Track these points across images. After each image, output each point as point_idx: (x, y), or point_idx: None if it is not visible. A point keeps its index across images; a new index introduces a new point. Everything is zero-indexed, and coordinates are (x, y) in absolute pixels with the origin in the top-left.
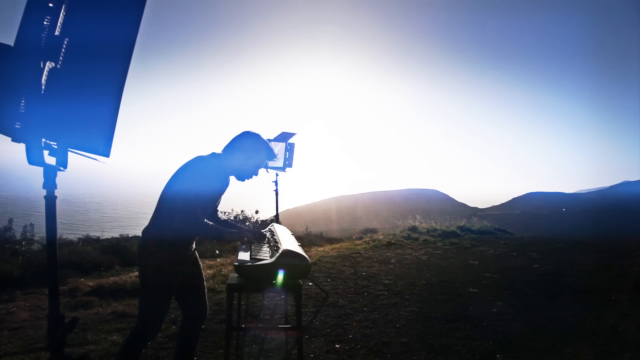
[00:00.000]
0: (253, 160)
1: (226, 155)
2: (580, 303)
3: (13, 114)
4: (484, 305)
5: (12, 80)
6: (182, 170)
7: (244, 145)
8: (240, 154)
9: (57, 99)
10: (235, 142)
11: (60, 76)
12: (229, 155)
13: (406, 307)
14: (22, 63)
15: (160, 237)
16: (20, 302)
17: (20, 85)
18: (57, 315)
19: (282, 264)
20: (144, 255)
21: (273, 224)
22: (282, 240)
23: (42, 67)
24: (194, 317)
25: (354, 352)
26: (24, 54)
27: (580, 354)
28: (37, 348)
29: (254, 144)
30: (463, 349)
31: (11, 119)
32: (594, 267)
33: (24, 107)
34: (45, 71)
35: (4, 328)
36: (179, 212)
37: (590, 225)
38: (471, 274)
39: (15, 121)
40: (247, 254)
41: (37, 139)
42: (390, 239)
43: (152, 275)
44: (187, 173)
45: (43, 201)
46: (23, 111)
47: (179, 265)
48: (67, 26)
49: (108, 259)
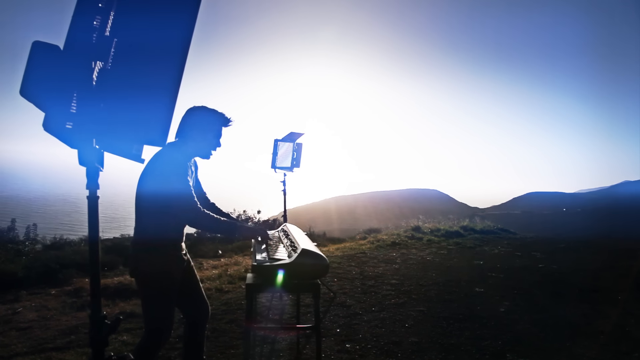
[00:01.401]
0: (211, 133)
1: (183, 140)
2: (587, 303)
3: (64, 115)
4: (491, 305)
5: (63, 81)
6: (148, 169)
7: (197, 123)
8: (196, 132)
9: (108, 98)
10: (186, 123)
11: (111, 76)
12: (186, 139)
13: (414, 307)
14: (73, 64)
15: (150, 240)
16: (26, 302)
17: (71, 85)
18: (99, 316)
19: (300, 264)
20: (139, 264)
21: (286, 224)
22: (298, 240)
23: (92, 67)
24: (197, 318)
25: (365, 351)
26: (75, 55)
27: (590, 353)
28: (48, 348)
29: (206, 117)
30: (473, 348)
31: (62, 119)
32: (598, 267)
33: (75, 107)
34: (96, 71)
35: (11, 328)
36: (181, 211)
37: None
38: (477, 273)
39: (66, 121)
40: (263, 254)
41: (89, 139)
42: (394, 239)
43: (152, 282)
44: (156, 172)
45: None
46: (74, 111)
47: (175, 268)
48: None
49: (111, 258)
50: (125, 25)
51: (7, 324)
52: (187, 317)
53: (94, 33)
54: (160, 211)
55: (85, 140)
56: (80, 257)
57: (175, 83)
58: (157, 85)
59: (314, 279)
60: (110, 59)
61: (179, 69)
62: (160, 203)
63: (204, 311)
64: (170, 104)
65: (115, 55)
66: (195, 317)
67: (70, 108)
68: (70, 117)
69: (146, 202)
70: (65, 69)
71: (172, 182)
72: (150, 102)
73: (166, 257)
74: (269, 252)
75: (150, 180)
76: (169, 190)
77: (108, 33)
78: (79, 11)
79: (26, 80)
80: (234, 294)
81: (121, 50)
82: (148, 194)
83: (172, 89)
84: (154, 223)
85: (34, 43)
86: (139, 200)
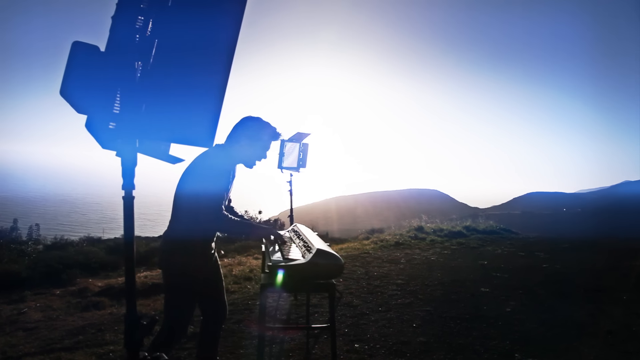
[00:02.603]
0: (259, 143)
1: (231, 144)
2: (592, 302)
3: (107, 115)
4: (497, 305)
5: (105, 81)
6: (192, 169)
7: (247, 131)
8: (245, 140)
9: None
10: (237, 130)
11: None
12: (234, 144)
13: (421, 307)
14: (116, 64)
15: (183, 239)
16: (31, 302)
17: (114, 86)
18: (135, 316)
19: (316, 264)
20: (169, 259)
21: (296, 224)
22: (312, 241)
23: (135, 67)
24: (214, 317)
25: (373, 351)
26: (117, 56)
27: (598, 353)
28: (56, 349)
29: (257, 127)
30: (481, 348)
31: (105, 119)
32: (601, 267)
33: (118, 107)
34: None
35: (18, 329)
36: (203, 212)
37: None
38: (481, 273)
39: (109, 122)
40: (277, 254)
41: (132, 139)
42: (397, 239)
43: (179, 278)
44: (199, 171)
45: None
46: (117, 112)
47: (203, 266)
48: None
49: (114, 259)
50: (167, 25)
51: (13, 324)
52: (205, 313)
53: (137, 34)
54: (208, 209)
55: (128, 141)
56: (83, 257)
57: (222, 83)
58: (203, 85)
59: (328, 279)
60: (152, 59)
61: (226, 69)
62: (196, 202)
63: (221, 312)
64: (217, 105)
65: (158, 56)
66: (212, 317)
67: (113, 109)
68: (113, 118)
69: (184, 201)
70: (108, 70)
71: (211, 183)
72: (196, 102)
73: (195, 257)
74: (282, 252)
75: (192, 179)
76: (204, 190)
77: (150, 33)
78: (120, 12)
79: (67, 81)
80: (240, 294)
81: (164, 50)
82: (187, 193)
83: (219, 89)
84: (188, 221)
85: (74, 43)
86: (177, 198)
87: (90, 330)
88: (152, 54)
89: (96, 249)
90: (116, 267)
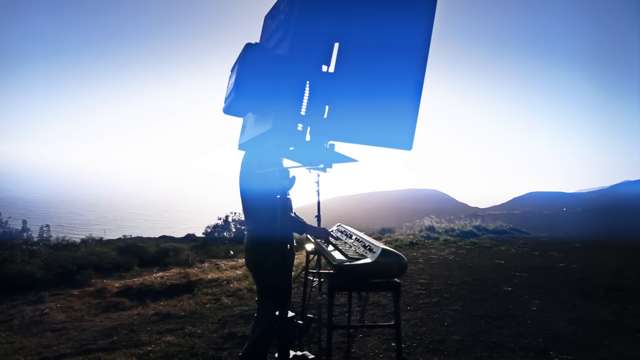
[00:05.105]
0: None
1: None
2: (615, 301)
3: (294, 117)
4: (522, 304)
5: (290, 85)
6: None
7: None
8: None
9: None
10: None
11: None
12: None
13: (449, 306)
14: (300, 68)
15: (273, 238)
16: (50, 303)
17: (297, 90)
18: (290, 317)
19: (382, 263)
20: (263, 259)
21: (340, 223)
22: (370, 240)
23: (321, 70)
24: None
25: (411, 349)
26: (301, 59)
27: (631, 351)
28: (92, 349)
29: None
30: (516, 346)
31: (293, 121)
32: (617, 266)
33: (305, 110)
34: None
35: (45, 329)
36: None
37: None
38: (501, 273)
39: (296, 123)
40: (338, 253)
41: (321, 140)
42: (411, 239)
43: (279, 275)
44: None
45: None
46: (304, 114)
47: (291, 262)
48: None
49: (126, 259)
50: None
51: (39, 325)
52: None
53: (319, 36)
54: (264, 209)
55: (320, 141)
56: (95, 257)
57: (418, 84)
58: (399, 86)
59: (391, 278)
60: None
61: (421, 70)
62: (262, 202)
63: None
64: (414, 106)
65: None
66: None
67: (300, 110)
68: (299, 119)
69: (252, 201)
70: (291, 74)
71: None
72: (392, 104)
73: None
74: (342, 252)
75: (253, 180)
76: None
77: (333, 35)
78: (301, 15)
79: (245, 85)
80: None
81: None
82: (252, 193)
83: (415, 90)
84: (263, 219)
85: (248, 46)
86: (245, 199)
87: (123, 331)
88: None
89: (107, 250)
90: (129, 267)
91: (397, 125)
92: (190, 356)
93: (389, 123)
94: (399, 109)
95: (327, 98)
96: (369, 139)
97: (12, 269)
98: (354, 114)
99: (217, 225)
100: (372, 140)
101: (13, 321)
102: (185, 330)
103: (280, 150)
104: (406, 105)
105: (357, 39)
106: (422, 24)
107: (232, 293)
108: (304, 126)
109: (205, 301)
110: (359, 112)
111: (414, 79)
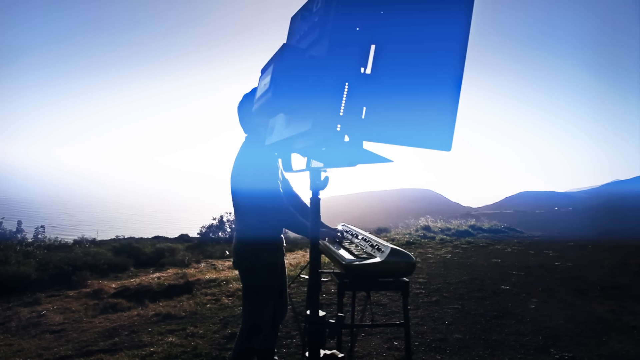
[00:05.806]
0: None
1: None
2: (611, 299)
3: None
4: (521, 302)
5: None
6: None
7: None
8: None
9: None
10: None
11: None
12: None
13: (448, 305)
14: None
15: (262, 238)
16: (47, 304)
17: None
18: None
19: (391, 262)
20: (251, 259)
21: (344, 223)
22: (378, 240)
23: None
24: (278, 315)
25: (413, 348)
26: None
27: (629, 347)
28: (94, 351)
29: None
30: (516, 344)
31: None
32: (611, 264)
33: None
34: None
35: (44, 331)
36: (269, 210)
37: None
38: (498, 272)
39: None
40: (346, 253)
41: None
42: (407, 239)
43: (266, 276)
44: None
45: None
46: (342, 114)
47: (279, 261)
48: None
49: (122, 260)
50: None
51: (37, 326)
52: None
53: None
54: (257, 210)
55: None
56: (91, 258)
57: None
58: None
59: (400, 277)
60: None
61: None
62: (256, 202)
63: (282, 313)
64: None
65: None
66: (277, 313)
67: (339, 111)
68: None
69: (243, 202)
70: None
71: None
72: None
73: (270, 251)
74: (351, 251)
75: (243, 180)
76: (262, 189)
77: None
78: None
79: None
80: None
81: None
82: (243, 194)
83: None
84: (255, 220)
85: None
86: (236, 199)
87: (124, 332)
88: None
89: (103, 250)
90: (125, 268)
91: (436, 125)
92: (193, 357)
93: (427, 124)
94: (437, 109)
95: (364, 99)
96: (407, 139)
97: (6, 270)
98: (392, 115)
99: (212, 225)
100: (410, 141)
101: (10, 323)
102: (187, 330)
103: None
104: (445, 104)
105: (393, 40)
106: (460, 20)
107: (231, 293)
108: (342, 127)
109: (205, 302)
110: (397, 112)
111: (452, 77)
